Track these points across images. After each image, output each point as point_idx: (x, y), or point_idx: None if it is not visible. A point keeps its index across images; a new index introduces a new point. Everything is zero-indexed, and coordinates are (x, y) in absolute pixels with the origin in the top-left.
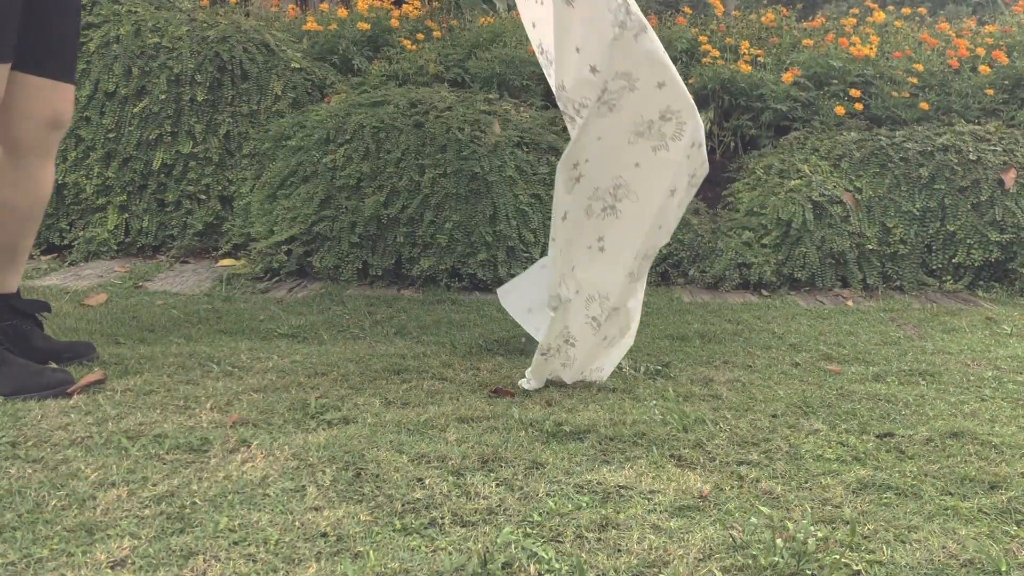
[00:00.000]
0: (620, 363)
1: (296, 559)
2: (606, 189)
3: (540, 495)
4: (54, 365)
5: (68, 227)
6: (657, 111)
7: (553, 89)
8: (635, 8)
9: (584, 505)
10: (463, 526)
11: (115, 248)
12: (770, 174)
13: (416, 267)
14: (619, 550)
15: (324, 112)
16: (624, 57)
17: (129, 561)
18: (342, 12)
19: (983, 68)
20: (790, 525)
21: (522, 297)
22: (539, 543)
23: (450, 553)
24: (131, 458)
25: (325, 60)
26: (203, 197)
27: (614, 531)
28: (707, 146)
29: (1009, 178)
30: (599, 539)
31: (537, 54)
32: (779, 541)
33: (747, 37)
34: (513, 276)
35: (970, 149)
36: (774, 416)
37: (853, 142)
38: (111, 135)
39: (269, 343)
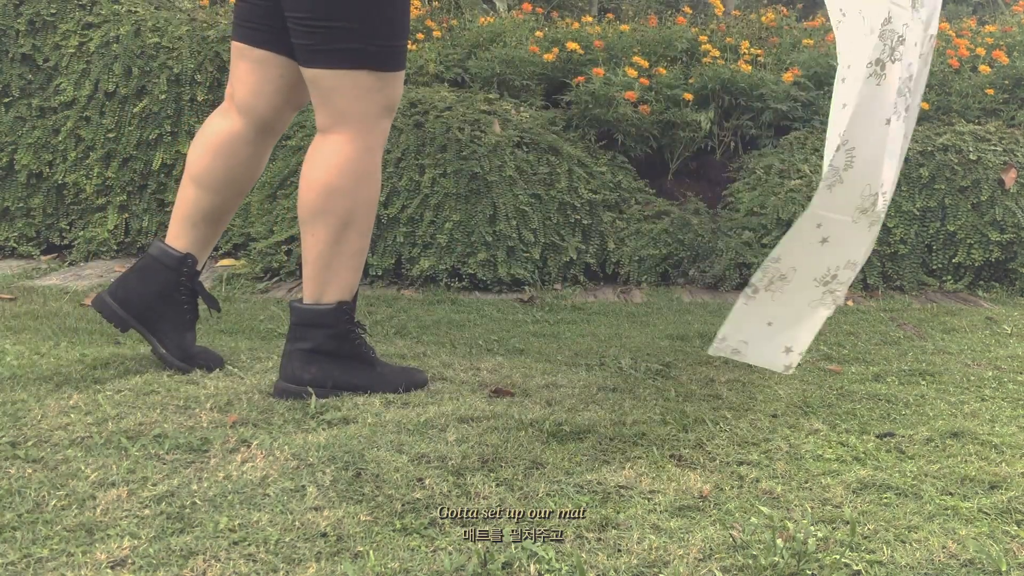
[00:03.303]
0: (620, 363)
1: (296, 559)
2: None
3: (540, 495)
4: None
5: (68, 227)
6: None
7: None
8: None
9: (584, 505)
10: (463, 526)
11: (115, 248)
12: (770, 174)
13: (416, 267)
14: (619, 550)
15: None
16: None
17: (129, 561)
18: None
19: (983, 68)
20: (790, 525)
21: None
22: (539, 543)
23: (450, 553)
24: (131, 458)
25: None
26: None
27: (614, 531)
28: (707, 146)
29: (1009, 178)
30: (599, 539)
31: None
32: (779, 541)
33: (747, 37)
34: (513, 276)
35: (970, 149)
36: (774, 416)
37: None
38: (111, 135)
39: (269, 343)
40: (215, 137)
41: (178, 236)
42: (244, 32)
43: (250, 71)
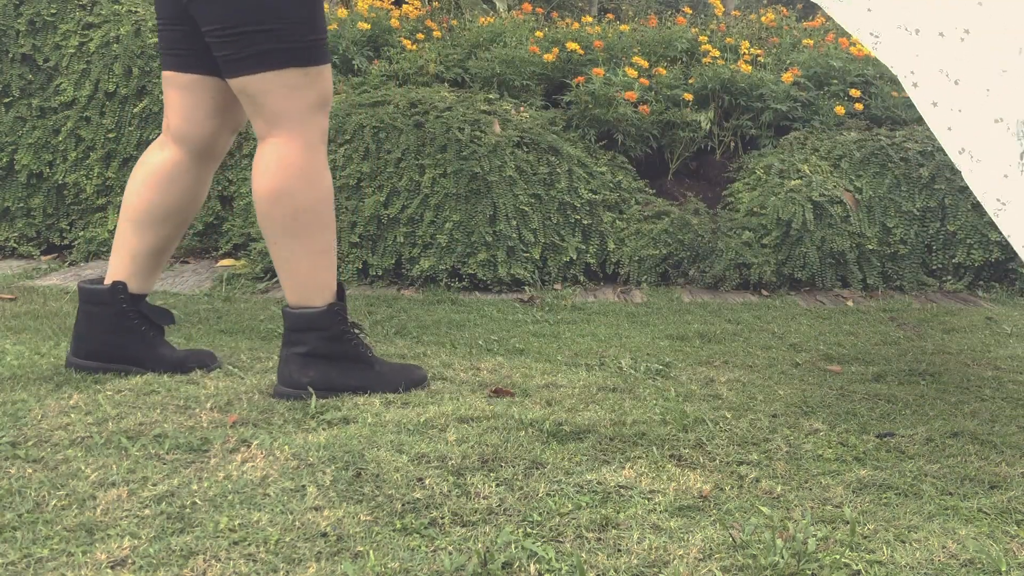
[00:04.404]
0: (620, 363)
1: (296, 559)
2: None
3: (540, 495)
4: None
5: (68, 227)
6: None
7: None
8: None
9: (584, 505)
10: (463, 526)
11: None
12: (770, 174)
13: (416, 267)
14: (619, 550)
15: None
16: None
17: (129, 561)
18: (342, 12)
19: None
20: (790, 525)
21: None
22: (539, 543)
23: (450, 553)
24: (131, 458)
25: None
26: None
27: (614, 531)
28: (707, 146)
29: None
30: (599, 539)
31: None
32: (779, 541)
33: (747, 37)
34: (513, 276)
35: None
36: (774, 416)
37: (853, 142)
38: (111, 135)
39: (269, 343)
40: (154, 170)
41: (118, 270)
42: (170, 60)
43: (181, 97)
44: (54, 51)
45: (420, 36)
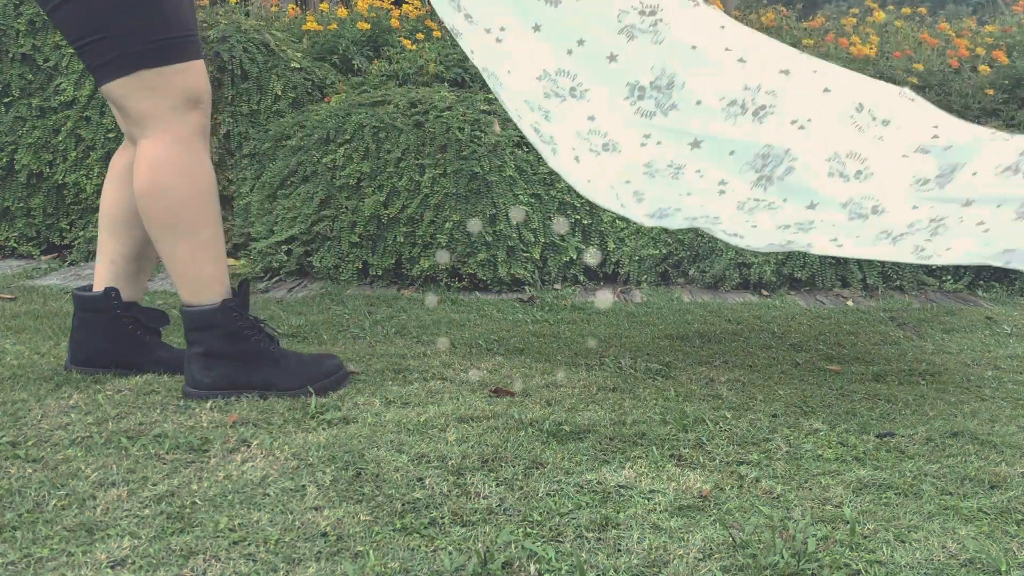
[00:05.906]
0: (620, 362)
1: (296, 559)
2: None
3: (540, 495)
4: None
5: (68, 227)
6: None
7: None
8: None
9: (584, 505)
10: (463, 526)
11: None
12: None
13: (416, 267)
14: (619, 550)
15: (324, 112)
16: None
17: (129, 561)
18: (342, 12)
19: (983, 68)
20: (790, 525)
21: None
22: (539, 543)
23: (450, 553)
24: (131, 458)
25: (325, 60)
26: None
27: (614, 531)
28: None
29: None
30: (599, 539)
31: None
32: (779, 541)
33: None
34: (513, 276)
35: None
36: (774, 416)
37: None
38: (111, 135)
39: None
40: (116, 172)
41: (102, 277)
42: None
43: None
44: (54, 51)
45: (420, 36)
